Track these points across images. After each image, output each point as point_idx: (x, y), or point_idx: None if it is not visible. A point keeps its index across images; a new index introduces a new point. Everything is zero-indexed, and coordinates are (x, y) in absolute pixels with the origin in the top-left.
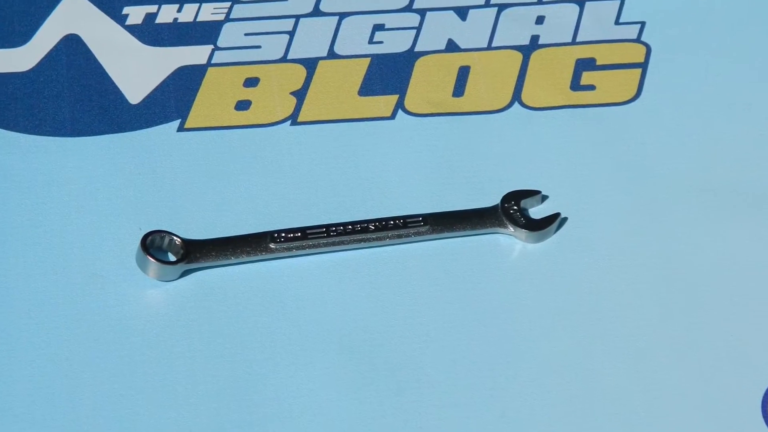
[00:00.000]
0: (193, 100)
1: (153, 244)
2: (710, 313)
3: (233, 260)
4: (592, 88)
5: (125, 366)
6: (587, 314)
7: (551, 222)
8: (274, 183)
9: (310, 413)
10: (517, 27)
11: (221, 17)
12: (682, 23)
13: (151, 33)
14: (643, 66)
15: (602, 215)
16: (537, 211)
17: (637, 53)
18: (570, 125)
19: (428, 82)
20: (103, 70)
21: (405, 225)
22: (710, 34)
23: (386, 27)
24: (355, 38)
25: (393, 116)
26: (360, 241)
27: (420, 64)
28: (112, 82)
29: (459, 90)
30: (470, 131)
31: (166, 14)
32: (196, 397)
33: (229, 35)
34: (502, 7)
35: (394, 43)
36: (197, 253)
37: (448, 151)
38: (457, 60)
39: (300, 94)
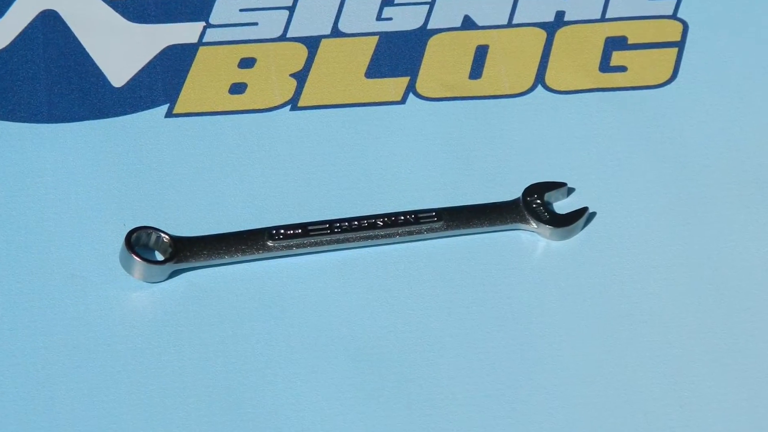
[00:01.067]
0: (183, 82)
1: (138, 242)
2: (755, 318)
3: (227, 259)
4: (623, 69)
5: (108, 377)
6: (618, 319)
7: (578, 217)
8: (273, 174)
9: (312, 429)
10: (540, 2)
11: None
12: None
13: (136, 8)
14: (680, 45)
15: (634, 210)
16: (562, 206)
17: (673, 31)
18: (599, 110)
19: (442, 62)
20: (84, 49)
21: (417, 221)
22: (753, 9)
23: (396, 2)
24: (361, 14)
25: (403, 100)
26: (367, 238)
27: (433, 43)
28: (94, 63)
29: (476, 72)
30: (489, 117)
31: None
32: (185, 411)
33: (222, 11)
34: None
35: (405, 20)
36: (187, 251)
37: (464, 139)
38: (475, 38)
39: (301, 77)
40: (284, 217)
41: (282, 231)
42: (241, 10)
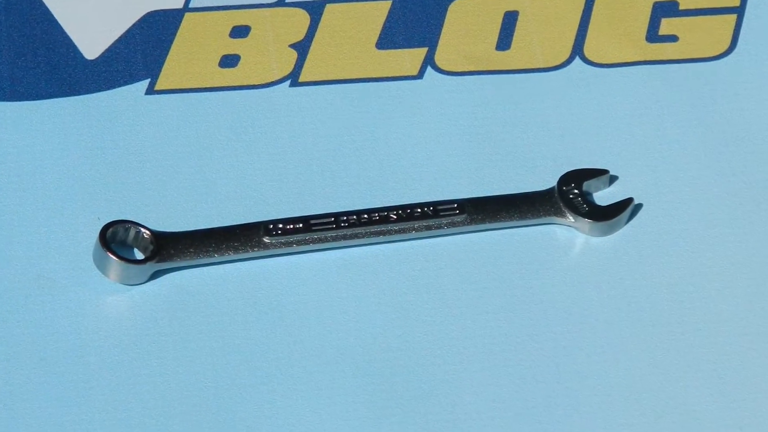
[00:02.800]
0: (166, 54)
1: (115, 238)
2: None
3: (217, 258)
4: (673, 39)
5: (79, 393)
6: (667, 327)
7: (622, 210)
8: (269, 160)
9: None
10: None
11: None
12: None
13: None
14: (739, 11)
15: (687, 201)
16: (603, 196)
17: None
18: (646, 86)
19: (465, 31)
20: (52, 16)
21: (436, 213)
22: None
23: None
24: None
25: (420, 75)
26: (378, 234)
27: (455, 9)
28: (63, 32)
29: (504, 42)
30: (519, 94)
31: None
32: None
33: None
34: None
35: None
36: (171, 249)
37: (490, 119)
38: (502, 3)
39: (302, 47)
40: (283, 209)
41: (280, 225)
42: None
